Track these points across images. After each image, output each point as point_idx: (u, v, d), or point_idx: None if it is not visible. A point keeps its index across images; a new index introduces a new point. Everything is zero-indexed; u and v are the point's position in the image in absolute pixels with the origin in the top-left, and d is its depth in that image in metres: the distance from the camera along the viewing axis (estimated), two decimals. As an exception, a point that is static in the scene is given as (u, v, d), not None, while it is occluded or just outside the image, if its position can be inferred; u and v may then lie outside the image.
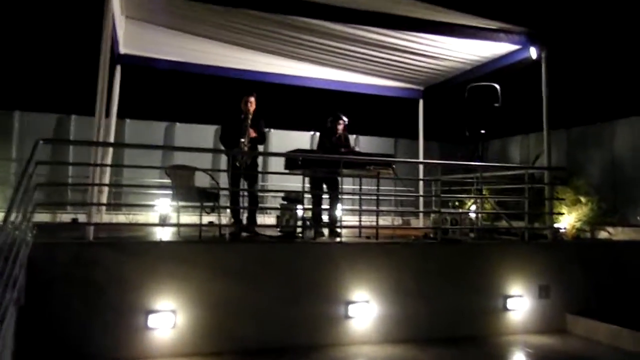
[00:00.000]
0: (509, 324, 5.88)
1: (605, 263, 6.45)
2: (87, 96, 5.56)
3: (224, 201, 6.92)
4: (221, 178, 8.74)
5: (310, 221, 6.07)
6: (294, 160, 6.38)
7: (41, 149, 4.51)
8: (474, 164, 7.06)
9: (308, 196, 7.19)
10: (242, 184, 6.52)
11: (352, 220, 7.21)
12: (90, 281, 4.50)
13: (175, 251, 4.97)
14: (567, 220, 7.63)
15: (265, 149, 13.48)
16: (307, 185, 6.86)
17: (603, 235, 8.17)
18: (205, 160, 12.92)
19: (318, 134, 7.70)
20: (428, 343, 5.30)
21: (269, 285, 5.05)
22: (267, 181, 13.92)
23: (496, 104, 6.95)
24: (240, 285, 4.95)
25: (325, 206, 6.82)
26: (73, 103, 12.63)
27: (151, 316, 4.60)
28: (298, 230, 5.78)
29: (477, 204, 7.59)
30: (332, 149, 6.80)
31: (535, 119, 7.32)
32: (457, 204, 8.43)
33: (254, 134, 6.42)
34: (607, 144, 12.16)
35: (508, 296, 5.88)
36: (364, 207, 7.12)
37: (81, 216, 7.44)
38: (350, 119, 7.05)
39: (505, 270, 5.96)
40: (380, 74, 8.97)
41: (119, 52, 7.80)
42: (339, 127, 6.92)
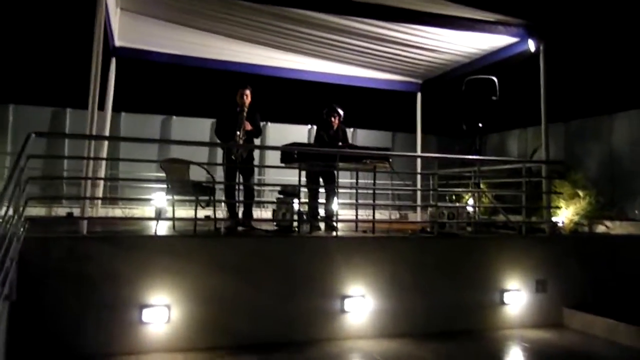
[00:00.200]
0: (505, 318, 5.86)
1: (602, 257, 6.43)
2: (82, 89, 5.49)
3: (219, 195, 6.88)
4: (218, 172, 8.71)
5: (306, 215, 6.03)
6: (289, 154, 6.34)
7: (37, 143, 4.46)
8: (471, 157, 7.02)
9: (305, 190, 7.15)
10: (238, 177, 6.48)
11: (349, 214, 7.17)
12: (84, 276, 4.46)
13: (170, 245, 4.92)
14: (565, 214, 7.61)
15: (263, 142, 13.43)
16: (304, 179, 6.82)
17: (601, 229, 8.16)
18: (202, 153, 12.85)
19: (315, 127, 7.65)
20: (424, 337, 5.28)
21: (265, 279, 5.02)
22: (264, 175, 13.87)
23: (494, 97, 6.89)
24: (236, 279, 4.91)
25: (322, 200, 6.79)
26: (68, 96, 12.53)
27: (145, 311, 4.57)
28: (294, 225, 5.75)
29: (475, 197, 7.56)
30: (329, 142, 6.76)
31: (533, 112, 7.27)
32: (454, 197, 8.40)
33: (249, 127, 6.37)
34: (606, 137, 12.14)
35: (505, 290, 5.86)
36: (360, 200, 7.11)
37: (76, 210, 7.39)
38: (348, 112, 6.99)
39: (502, 264, 5.93)
40: (378, 66, 8.90)
41: (114, 44, 7.74)
42: (334, 121, 6.87)
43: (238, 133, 6.27)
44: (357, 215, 6.61)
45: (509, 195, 7.88)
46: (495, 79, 6.94)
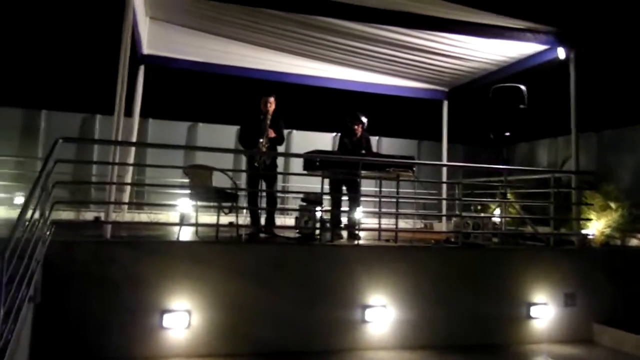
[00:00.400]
0: (532, 333, 5.70)
1: (634, 271, 6.19)
2: (111, 96, 5.61)
3: (243, 202, 6.90)
4: (242, 178, 8.75)
5: (328, 223, 5.99)
6: (311, 161, 6.32)
7: (67, 149, 4.54)
8: (497, 167, 6.87)
9: (328, 198, 7.12)
10: (261, 184, 6.49)
11: (372, 223, 7.10)
12: (107, 279, 4.52)
13: (191, 251, 4.96)
14: (596, 226, 7.37)
15: (287, 149, 13.45)
16: (327, 186, 6.79)
17: (634, 242, 7.87)
18: (228, 160, 12.94)
19: (339, 134, 7.62)
20: (446, 350, 5.17)
21: (285, 287, 5.00)
22: (288, 182, 13.88)
23: (522, 106, 6.74)
24: (256, 286, 4.90)
25: (345, 208, 6.74)
26: (98, 103, 12.78)
27: (166, 316, 4.59)
28: (316, 232, 5.72)
29: (502, 208, 7.39)
30: (352, 150, 6.72)
31: (564, 121, 7.08)
32: (479, 207, 8.24)
33: (272, 134, 6.38)
34: (640, 148, 11.75)
35: (532, 304, 5.70)
36: (383, 209, 7.03)
37: (104, 215, 7.50)
38: (373, 120, 6.94)
39: (529, 276, 5.77)
40: (404, 74, 8.84)
41: (142, 52, 7.87)
42: (358, 129, 6.83)
43: (261, 140, 6.29)
44: (380, 223, 6.54)
45: (537, 206, 7.67)
46: (523, 87, 6.79)
